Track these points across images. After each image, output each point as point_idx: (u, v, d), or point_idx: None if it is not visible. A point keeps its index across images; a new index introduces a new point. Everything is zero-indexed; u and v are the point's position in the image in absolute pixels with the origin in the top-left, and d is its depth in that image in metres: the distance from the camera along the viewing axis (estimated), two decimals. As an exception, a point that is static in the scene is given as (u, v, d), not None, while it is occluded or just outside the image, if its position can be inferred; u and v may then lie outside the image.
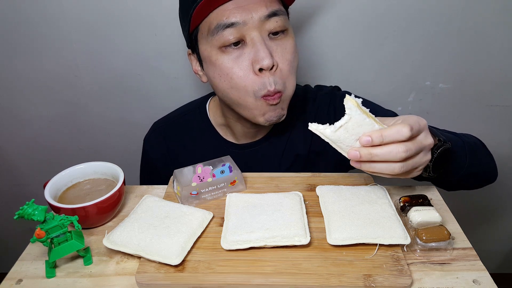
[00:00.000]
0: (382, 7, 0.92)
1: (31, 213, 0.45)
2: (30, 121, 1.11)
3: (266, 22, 0.61)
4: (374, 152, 0.48)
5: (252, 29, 0.61)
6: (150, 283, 0.48)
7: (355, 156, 0.49)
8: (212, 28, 0.61)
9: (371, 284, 0.47)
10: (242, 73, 0.62)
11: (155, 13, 0.93)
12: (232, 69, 0.63)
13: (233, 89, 0.64)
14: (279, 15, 0.62)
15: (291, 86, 0.66)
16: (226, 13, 0.60)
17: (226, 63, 0.63)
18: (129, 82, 1.04)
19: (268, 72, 0.62)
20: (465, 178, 0.65)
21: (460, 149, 0.63)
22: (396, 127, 0.47)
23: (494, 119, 1.10)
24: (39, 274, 0.50)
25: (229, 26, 0.60)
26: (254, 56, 0.61)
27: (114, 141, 1.16)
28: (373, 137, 0.48)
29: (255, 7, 0.60)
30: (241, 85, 0.63)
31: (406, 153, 0.47)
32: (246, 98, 0.64)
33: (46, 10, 0.92)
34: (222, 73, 0.64)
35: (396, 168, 0.48)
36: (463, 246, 0.54)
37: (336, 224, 0.53)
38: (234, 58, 0.62)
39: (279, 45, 0.63)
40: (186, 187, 0.60)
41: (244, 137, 0.79)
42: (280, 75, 0.64)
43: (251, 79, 0.62)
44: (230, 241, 0.52)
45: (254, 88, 0.63)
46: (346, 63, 1.01)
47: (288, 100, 0.68)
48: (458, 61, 1.00)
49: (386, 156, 0.47)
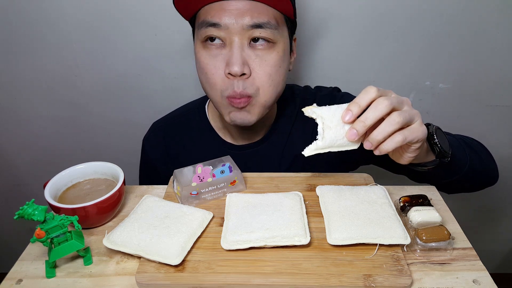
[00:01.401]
0: (382, 7, 0.92)
1: (31, 213, 0.45)
2: (30, 121, 1.11)
3: (248, 31, 0.61)
4: (363, 117, 0.49)
5: (234, 34, 0.61)
6: (150, 283, 0.48)
7: (353, 134, 0.50)
8: (199, 22, 0.64)
9: (371, 284, 0.47)
10: (215, 71, 0.64)
11: (155, 13, 0.93)
12: (207, 65, 0.65)
13: (206, 83, 0.67)
14: (265, 28, 0.61)
15: (267, 94, 0.66)
16: (212, 12, 0.61)
17: (203, 58, 0.65)
18: (129, 82, 1.04)
19: (237, 77, 0.62)
20: (467, 175, 0.65)
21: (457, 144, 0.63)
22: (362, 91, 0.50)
23: (494, 119, 1.10)
24: (39, 274, 0.50)
25: (212, 25, 0.61)
26: (228, 60, 0.62)
27: (114, 141, 1.16)
28: (350, 108, 0.50)
29: (240, 14, 0.60)
30: (212, 82, 0.65)
31: (389, 100, 0.48)
32: (214, 95, 0.67)
33: (46, 10, 0.92)
34: (199, 66, 0.67)
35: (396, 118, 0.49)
36: (463, 246, 0.54)
37: (336, 224, 0.53)
38: (212, 55, 0.64)
39: (259, 56, 0.63)
40: (186, 187, 0.60)
41: (241, 138, 0.79)
42: (252, 82, 0.64)
43: (221, 78, 0.64)
44: (230, 241, 0.52)
45: (222, 88, 0.65)
46: (346, 63, 1.01)
47: (262, 108, 0.67)
48: (458, 61, 1.00)
49: (375, 111, 0.49)
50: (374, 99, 0.49)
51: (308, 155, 0.53)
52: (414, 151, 0.54)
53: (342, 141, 0.52)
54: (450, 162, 0.60)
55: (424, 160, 0.61)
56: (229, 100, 0.65)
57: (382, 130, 0.49)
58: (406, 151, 0.54)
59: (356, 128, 0.49)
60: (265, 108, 0.68)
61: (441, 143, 0.58)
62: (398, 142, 0.49)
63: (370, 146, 0.51)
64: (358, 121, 0.50)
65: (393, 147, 0.49)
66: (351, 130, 0.50)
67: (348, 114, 0.50)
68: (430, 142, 0.59)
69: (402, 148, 0.55)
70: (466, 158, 0.65)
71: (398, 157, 0.57)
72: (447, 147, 0.59)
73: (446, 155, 0.59)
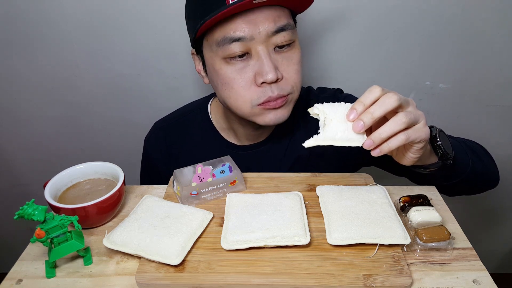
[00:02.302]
0: (382, 7, 0.92)
1: (31, 213, 0.45)
2: (30, 121, 1.11)
3: (273, 37, 0.61)
4: (371, 109, 0.49)
5: (259, 43, 0.61)
6: (150, 283, 0.48)
7: (360, 126, 0.49)
8: (219, 40, 0.61)
9: (371, 284, 0.47)
10: (244, 83, 0.63)
11: (155, 13, 0.93)
12: (234, 80, 0.63)
13: (231, 98, 0.66)
14: (287, 29, 0.62)
15: (298, 89, 0.68)
16: (233, 26, 0.59)
17: (229, 73, 0.63)
18: (129, 82, 1.04)
19: (271, 84, 0.62)
20: (469, 178, 0.65)
21: (459, 147, 0.63)
22: (366, 90, 0.50)
23: (494, 119, 1.10)
24: (39, 274, 0.50)
25: (236, 40, 0.60)
26: (259, 69, 0.62)
27: (114, 141, 1.16)
28: (355, 106, 0.50)
29: (263, 21, 0.60)
30: (241, 95, 0.64)
31: (396, 95, 0.48)
32: (243, 108, 0.65)
33: (47, 10, 0.92)
34: (224, 82, 0.64)
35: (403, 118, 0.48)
36: (463, 246, 0.54)
37: (336, 224, 0.53)
38: (238, 69, 0.63)
39: (285, 57, 0.64)
40: (186, 187, 0.60)
41: (246, 139, 0.79)
42: (286, 83, 0.64)
43: (252, 90, 0.63)
44: (230, 241, 0.52)
45: (253, 97, 0.64)
46: (346, 63, 1.01)
47: (294, 103, 0.69)
48: (458, 61, 1.00)
49: (383, 105, 0.48)
50: (378, 98, 0.49)
51: (308, 147, 0.53)
52: (417, 151, 0.54)
53: (343, 134, 0.51)
54: (452, 164, 0.60)
55: (427, 162, 0.61)
56: (262, 106, 0.64)
57: (388, 128, 0.48)
58: (408, 151, 0.54)
59: (363, 120, 0.49)
60: (295, 102, 0.69)
61: (444, 145, 0.58)
62: (402, 141, 0.49)
63: (371, 144, 0.50)
64: (366, 112, 0.49)
65: (396, 146, 0.49)
66: (358, 122, 0.49)
67: (352, 113, 0.50)
68: (433, 144, 0.58)
69: (405, 148, 0.55)
70: (468, 161, 0.65)
71: (401, 157, 0.57)
72: (450, 149, 0.59)
73: (449, 157, 0.59)
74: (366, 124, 0.49)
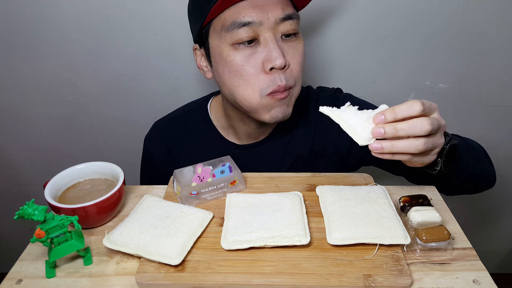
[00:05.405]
0: (382, 7, 0.92)
1: (31, 213, 0.45)
2: (30, 121, 1.11)
3: (280, 24, 0.62)
4: (399, 127, 0.47)
5: (267, 30, 0.61)
6: (150, 283, 0.48)
7: (379, 133, 0.48)
8: (227, 25, 0.61)
9: (371, 284, 0.47)
10: (253, 70, 0.63)
11: (155, 13, 0.93)
12: (242, 66, 0.63)
13: (240, 87, 0.65)
14: (293, 18, 0.63)
15: (300, 84, 0.68)
16: (243, 11, 0.60)
17: (237, 60, 0.63)
18: (129, 82, 1.04)
19: (279, 70, 0.63)
20: (468, 180, 0.65)
21: (465, 149, 0.63)
22: (408, 103, 0.47)
23: (494, 119, 1.10)
24: (39, 274, 0.50)
25: (245, 25, 0.60)
26: (267, 56, 0.62)
27: (114, 141, 1.16)
28: (385, 114, 0.48)
29: (272, 8, 0.61)
30: (250, 82, 0.63)
31: (432, 125, 0.47)
32: (253, 97, 0.64)
33: (47, 10, 0.92)
34: (232, 69, 0.64)
35: (420, 145, 0.47)
36: (463, 246, 0.54)
37: (336, 224, 0.53)
38: (246, 55, 0.63)
39: (291, 47, 0.64)
40: (186, 187, 0.60)
41: (246, 137, 0.79)
42: (291, 74, 0.65)
43: (260, 77, 0.63)
44: (230, 241, 0.52)
45: (262, 86, 0.63)
46: (346, 63, 1.01)
47: (295, 99, 0.69)
48: (458, 61, 1.00)
49: (411, 130, 0.47)
50: (414, 116, 0.48)
51: (321, 111, 0.53)
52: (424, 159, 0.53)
53: (356, 125, 0.51)
54: (454, 166, 0.60)
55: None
56: (271, 96, 0.64)
57: (403, 148, 0.48)
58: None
59: (385, 130, 0.47)
60: (296, 99, 0.69)
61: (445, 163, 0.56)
62: (417, 150, 0.48)
63: (378, 150, 0.49)
64: (393, 126, 0.47)
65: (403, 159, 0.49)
66: (379, 128, 0.48)
67: (380, 118, 0.48)
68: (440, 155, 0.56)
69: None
70: (469, 163, 0.64)
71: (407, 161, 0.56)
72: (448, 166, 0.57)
73: (440, 174, 0.57)
74: (386, 135, 0.48)
